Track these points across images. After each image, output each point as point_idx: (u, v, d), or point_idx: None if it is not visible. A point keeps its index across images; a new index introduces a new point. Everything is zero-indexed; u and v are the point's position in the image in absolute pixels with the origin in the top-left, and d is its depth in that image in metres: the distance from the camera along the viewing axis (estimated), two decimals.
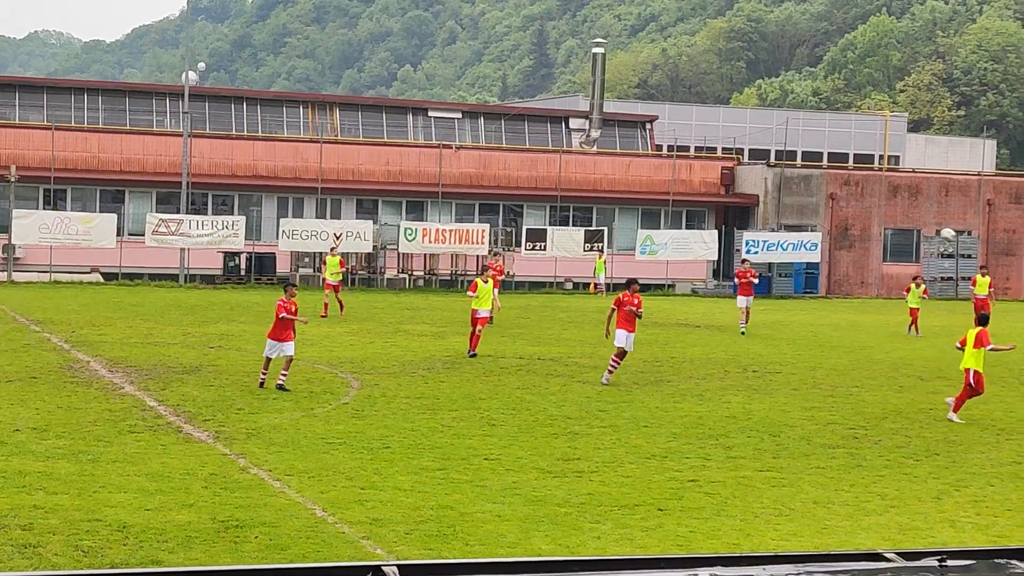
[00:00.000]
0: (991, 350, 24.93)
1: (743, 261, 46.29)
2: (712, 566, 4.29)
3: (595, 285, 60.43)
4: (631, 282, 29.13)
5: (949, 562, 4.46)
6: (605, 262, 60.07)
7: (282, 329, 26.12)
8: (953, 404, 24.82)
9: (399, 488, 17.27)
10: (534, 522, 15.75)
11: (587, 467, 19.18)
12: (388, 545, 14.42)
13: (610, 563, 4.39)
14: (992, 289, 45.80)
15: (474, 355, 32.12)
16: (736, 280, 43.61)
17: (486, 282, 33.49)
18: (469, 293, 33.52)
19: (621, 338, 28.16)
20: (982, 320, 25.51)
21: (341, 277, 45.44)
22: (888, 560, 4.49)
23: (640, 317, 28.38)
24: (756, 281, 42.89)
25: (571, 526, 15.63)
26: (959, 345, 25.65)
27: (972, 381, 24.54)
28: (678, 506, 16.87)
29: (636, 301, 28.18)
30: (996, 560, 4.60)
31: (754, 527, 15.87)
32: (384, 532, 14.98)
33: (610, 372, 28.37)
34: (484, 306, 32.99)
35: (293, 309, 26.37)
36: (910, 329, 42.14)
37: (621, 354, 28.32)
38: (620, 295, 28.74)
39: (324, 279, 45.83)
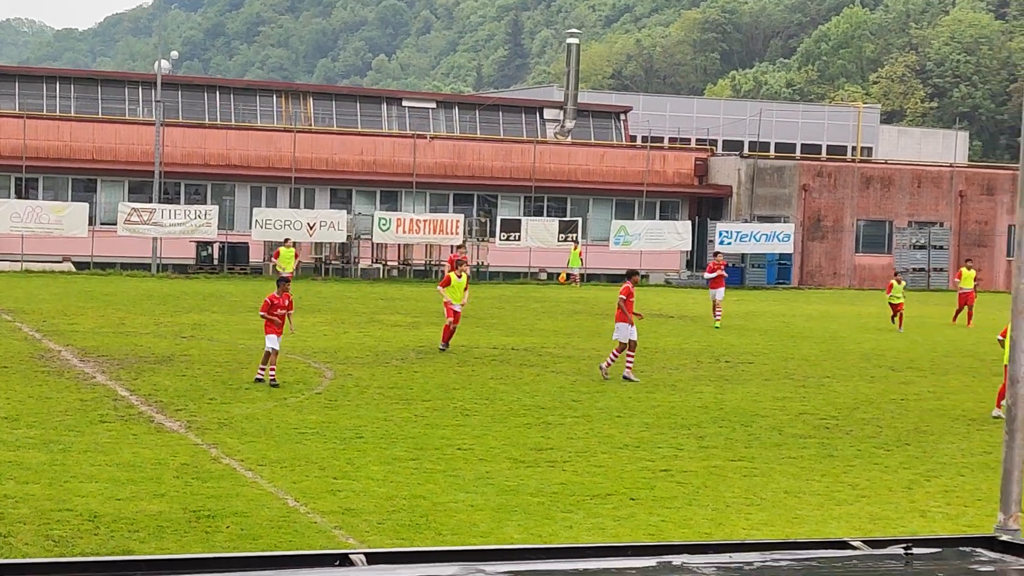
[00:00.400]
0: None
1: (715, 254, 45.68)
2: (679, 554, 4.30)
3: (568, 275, 60.40)
4: (632, 273, 28.94)
5: (915, 550, 4.48)
6: (580, 253, 60.09)
7: (274, 324, 25.67)
8: (996, 398, 24.88)
9: (372, 478, 17.26)
10: (507, 512, 15.77)
11: (560, 457, 19.20)
12: (360, 535, 14.41)
13: (578, 551, 4.40)
14: (978, 282, 45.88)
15: (445, 348, 31.70)
16: (708, 273, 43.05)
17: (459, 276, 32.83)
18: (440, 288, 33.04)
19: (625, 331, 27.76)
20: None
21: (292, 270, 44.30)
22: (854, 548, 4.52)
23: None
24: (727, 275, 42.82)
25: (543, 515, 15.65)
26: (1000, 337, 25.75)
27: None
28: (650, 495, 16.91)
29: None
30: (961, 548, 4.63)
31: (725, 516, 15.92)
32: (356, 522, 14.97)
33: (614, 363, 27.88)
34: (457, 299, 32.42)
35: (286, 303, 25.89)
36: (900, 324, 41.28)
37: (622, 347, 27.89)
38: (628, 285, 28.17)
39: (278, 272, 44.53)
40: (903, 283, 42.46)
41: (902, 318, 41.41)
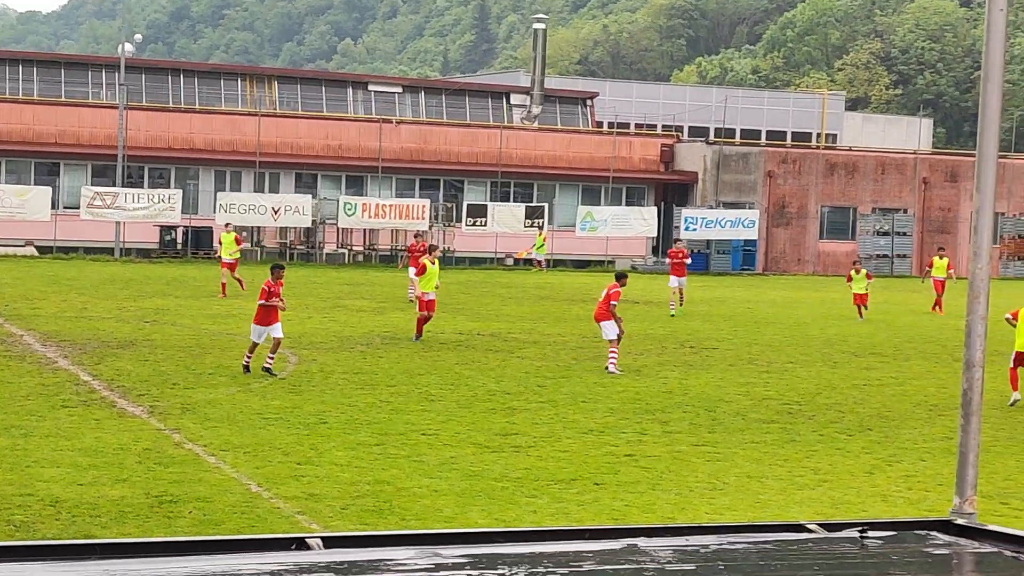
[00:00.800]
0: None
1: (676, 241, 45.09)
2: (636, 537, 4.32)
3: (538, 262, 60.30)
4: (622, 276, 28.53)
5: (870, 533, 4.51)
6: (545, 239, 60.07)
7: (266, 313, 25.22)
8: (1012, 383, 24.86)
9: (335, 463, 17.25)
10: (471, 496, 15.78)
11: (524, 442, 19.23)
12: (324, 520, 14.40)
13: (535, 534, 4.41)
14: (952, 271, 45.64)
15: (419, 339, 30.87)
16: (669, 260, 42.43)
17: (433, 263, 32.09)
18: (414, 276, 32.27)
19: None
20: None
21: (239, 255, 42.90)
22: (810, 531, 4.54)
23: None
24: (688, 261, 42.61)
25: (508, 500, 15.67)
26: (1010, 317, 25.91)
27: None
28: (614, 480, 16.95)
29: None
30: (917, 531, 4.66)
31: (689, 501, 15.98)
32: (320, 507, 14.95)
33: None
34: (432, 287, 31.69)
35: (277, 292, 25.51)
36: (861, 314, 40.59)
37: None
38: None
39: (220, 258, 43.17)
40: (862, 271, 41.43)
41: (865, 308, 40.67)
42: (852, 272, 41.56)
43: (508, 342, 31.26)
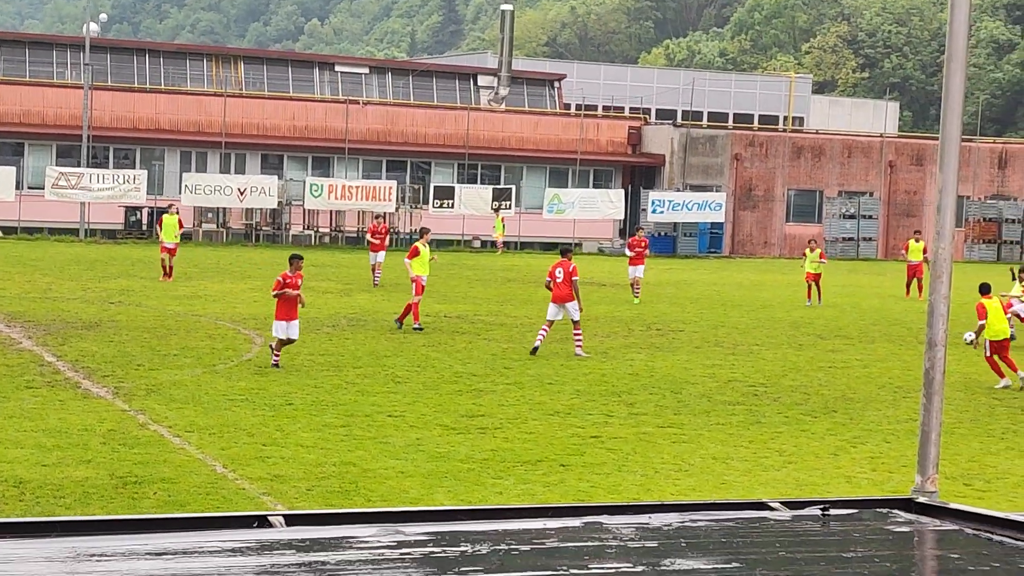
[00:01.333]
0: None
1: (638, 229, 43.85)
2: (599, 515, 4.33)
3: (497, 243, 60.04)
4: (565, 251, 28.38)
5: (832, 511, 4.53)
6: (504, 220, 59.71)
7: (288, 307, 23.78)
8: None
9: (301, 445, 17.23)
10: (437, 478, 15.79)
11: (491, 424, 19.24)
12: (289, 501, 14.38)
13: (497, 512, 4.41)
14: (927, 254, 44.62)
15: (419, 328, 29.51)
16: (628, 251, 40.71)
17: (425, 245, 31.17)
18: (407, 261, 30.67)
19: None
20: (984, 289, 26.30)
21: (179, 240, 40.46)
22: (773, 510, 4.56)
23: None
24: (648, 253, 41.64)
25: (474, 482, 15.68)
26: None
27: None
28: (580, 462, 16.98)
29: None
30: (878, 509, 4.68)
31: (654, 482, 16.02)
32: (285, 488, 14.93)
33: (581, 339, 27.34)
34: (426, 271, 30.71)
35: (296, 284, 24.19)
36: (809, 296, 39.73)
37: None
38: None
39: (160, 241, 40.50)
40: (816, 250, 40.56)
41: (818, 290, 39.39)
42: (807, 251, 41.17)
43: (475, 324, 31.26)
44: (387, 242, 41.83)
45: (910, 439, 19.23)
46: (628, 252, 40.72)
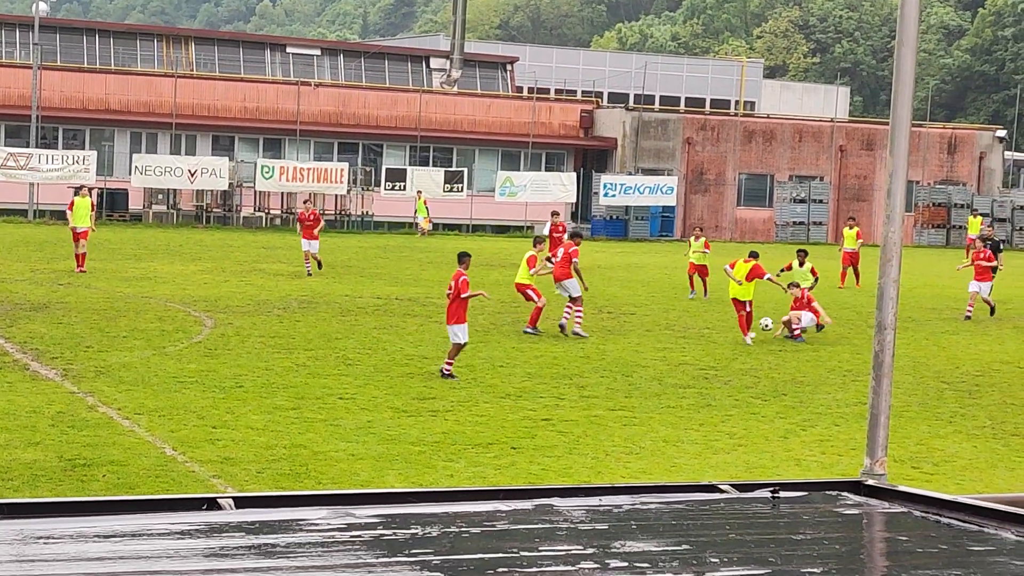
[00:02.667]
0: None
1: (554, 213, 40.69)
2: (550, 497, 4.33)
3: (419, 227, 58.76)
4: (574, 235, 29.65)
5: (782, 493, 4.55)
6: (426, 202, 58.81)
7: (462, 310, 22.22)
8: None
9: (252, 427, 17.17)
10: (388, 460, 15.77)
11: (442, 407, 19.23)
12: (239, 484, 14.33)
13: (448, 495, 4.41)
14: (860, 240, 43.88)
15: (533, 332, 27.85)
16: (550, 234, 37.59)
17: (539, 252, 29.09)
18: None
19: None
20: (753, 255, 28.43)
21: (90, 224, 37.15)
22: (723, 492, 4.58)
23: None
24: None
25: (425, 464, 15.68)
26: (728, 268, 28.84)
27: None
28: (531, 444, 17.01)
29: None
30: (828, 492, 4.71)
31: (605, 465, 16.07)
32: (235, 471, 14.88)
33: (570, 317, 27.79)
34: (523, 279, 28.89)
35: (466, 286, 22.57)
36: (693, 289, 36.39)
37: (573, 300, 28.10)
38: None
39: (72, 227, 36.76)
40: (701, 239, 36.73)
41: (704, 283, 36.52)
42: (691, 239, 37.67)
43: (426, 307, 31.22)
44: (317, 230, 38.29)
45: (859, 422, 19.37)
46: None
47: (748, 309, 27.99)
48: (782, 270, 31.83)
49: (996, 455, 17.77)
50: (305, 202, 44.64)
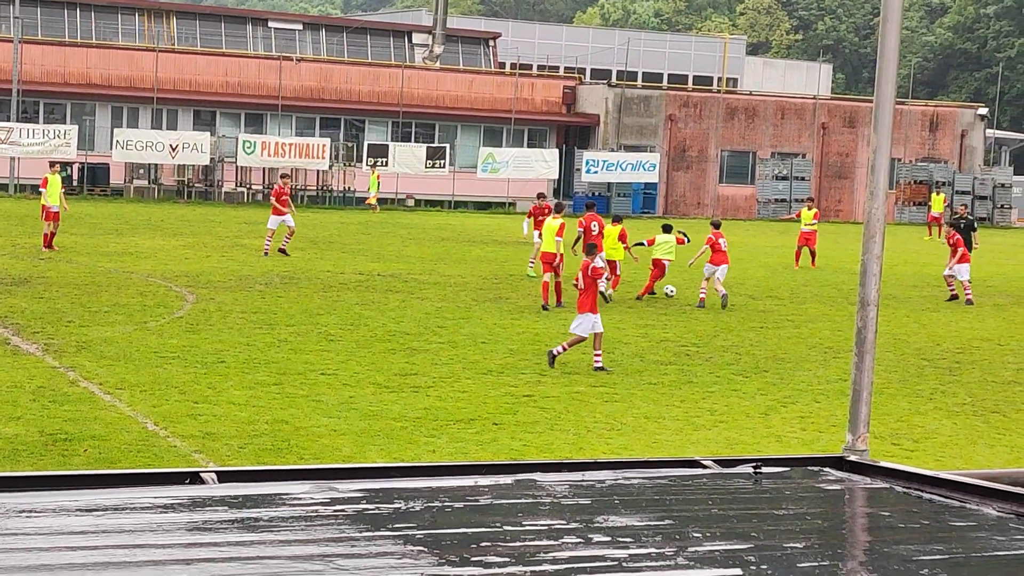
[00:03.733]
0: None
1: (540, 195, 38.60)
2: (532, 472, 4.33)
3: (371, 204, 58.03)
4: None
5: (764, 469, 4.57)
6: (379, 178, 58.22)
7: (592, 299, 21.58)
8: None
9: (233, 402, 17.15)
10: (369, 436, 15.78)
11: (424, 382, 19.24)
12: (221, 459, 14.32)
13: (430, 469, 4.41)
14: (817, 220, 42.92)
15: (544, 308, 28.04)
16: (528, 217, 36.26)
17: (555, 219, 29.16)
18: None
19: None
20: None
21: (61, 203, 35.16)
22: (705, 467, 4.59)
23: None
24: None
25: (407, 440, 15.69)
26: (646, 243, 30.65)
27: None
28: (513, 420, 17.03)
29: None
30: (810, 467, 4.73)
31: (586, 441, 16.10)
32: (217, 446, 14.87)
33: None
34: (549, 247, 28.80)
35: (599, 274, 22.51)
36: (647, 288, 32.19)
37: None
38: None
39: (43, 205, 35.23)
40: (619, 227, 31.98)
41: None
42: (657, 236, 32.80)
43: (408, 283, 31.21)
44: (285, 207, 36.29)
45: (839, 399, 19.43)
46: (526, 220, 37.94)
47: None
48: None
49: (976, 432, 17.84)
50: (283, 177, 40.33)
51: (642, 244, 31.57)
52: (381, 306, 27.04)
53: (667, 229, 32.57)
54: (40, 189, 36.72)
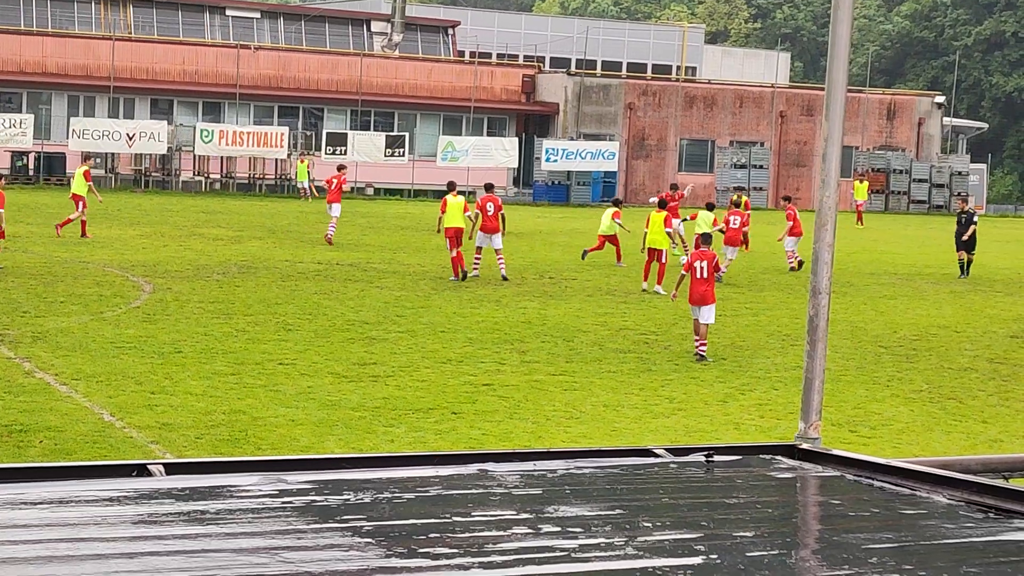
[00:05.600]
0: None
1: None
2: (484, 462, 4.32)
3: (303, 190, 57.51)
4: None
5: (716, 457, 4.56)
6: (309, 167, 57.84)
7: (705, 289, 21.72)
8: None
9: (190, 393, 17.06)
10: (328, 426, 15.73)
11: (383, 372, 19.20)
12: (178, 450, 14.25)
13: (381, 460, 4.39)
14: (749, 212, 41.74)
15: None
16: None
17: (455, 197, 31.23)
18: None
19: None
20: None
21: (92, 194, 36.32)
22: (657, 456, 4.58)
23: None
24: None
25: (365, 429, 15.65)
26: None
27: None
28: (472, 409, 17.02)
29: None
30: (762, 456, 4.73)
31: (545, 429, 16.10)
32: (174, 437, 14.79)
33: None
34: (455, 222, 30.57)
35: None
36: (620, 257, 34.86)
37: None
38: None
39: (74, 194, 36.88)
40: (615, 211, 34.41)
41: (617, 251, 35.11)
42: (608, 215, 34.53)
43: (367, 272, 31.13)
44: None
45: (797, 386, 19.47)
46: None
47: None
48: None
49: (932, 418, 17.95)
50: (342, 167, 40.77)
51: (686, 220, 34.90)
52: (340, 295, 26.97)
53: (710, 207, 35.23)
54: (87, 181, 37.30)
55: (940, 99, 77.95)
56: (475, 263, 31.08)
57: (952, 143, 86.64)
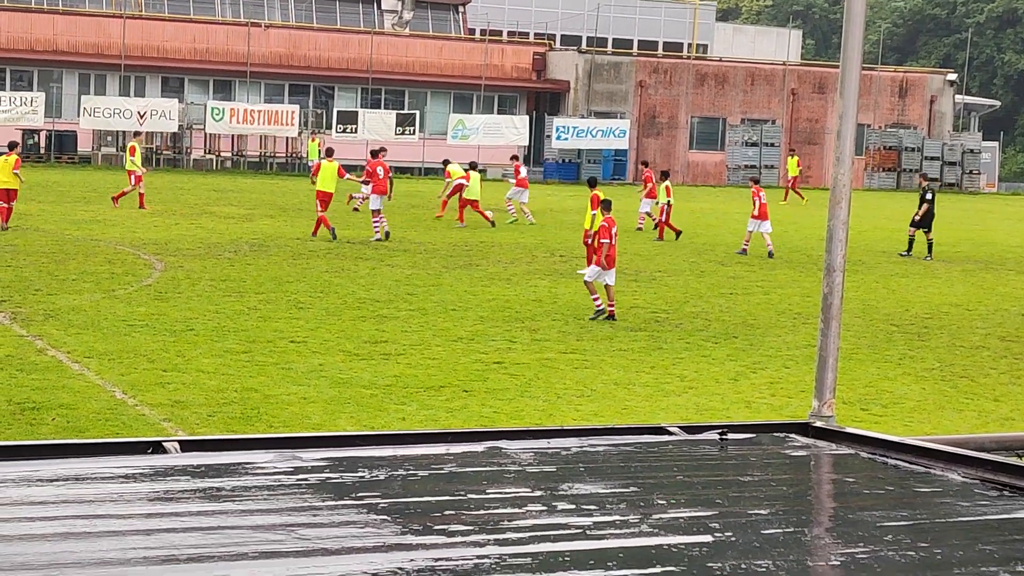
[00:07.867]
0: None
1: (513, 157, 37.85)
2: (498, 439, 4.32)
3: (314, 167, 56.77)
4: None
5: (730, 435, 4.56)
6: (319, 144, 57.79)
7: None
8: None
9: (202, 370, 17.08)
10: (339, 404, 15.75)
11: (394, 350, 19.20)
12: (190, 427, 14.27)
13: (395, 437, 4.39)
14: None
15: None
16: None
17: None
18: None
19: None
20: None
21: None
22: (671, 433, 4.58)
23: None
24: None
25: (376, 407, 15.66)
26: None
27: None
28: (483, 387, 17.02)
29: None
30: (775, 433, 4.72)
31: (556, 407, 16.10)
32: (186, 414, 14.81)
33: None
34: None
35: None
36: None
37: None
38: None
39: (129, 171, 38.47)
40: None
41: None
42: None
43: (378, 250, 31.14)
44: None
45: (808, 364, 19.47)
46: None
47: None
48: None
49: (944, 397, 17.93)
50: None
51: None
52: (351, 274, 26.98)
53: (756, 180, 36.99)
54: (130, 157, 40.31)
55: (952, 77, 77.71)
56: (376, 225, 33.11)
57: (964, 121, 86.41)
